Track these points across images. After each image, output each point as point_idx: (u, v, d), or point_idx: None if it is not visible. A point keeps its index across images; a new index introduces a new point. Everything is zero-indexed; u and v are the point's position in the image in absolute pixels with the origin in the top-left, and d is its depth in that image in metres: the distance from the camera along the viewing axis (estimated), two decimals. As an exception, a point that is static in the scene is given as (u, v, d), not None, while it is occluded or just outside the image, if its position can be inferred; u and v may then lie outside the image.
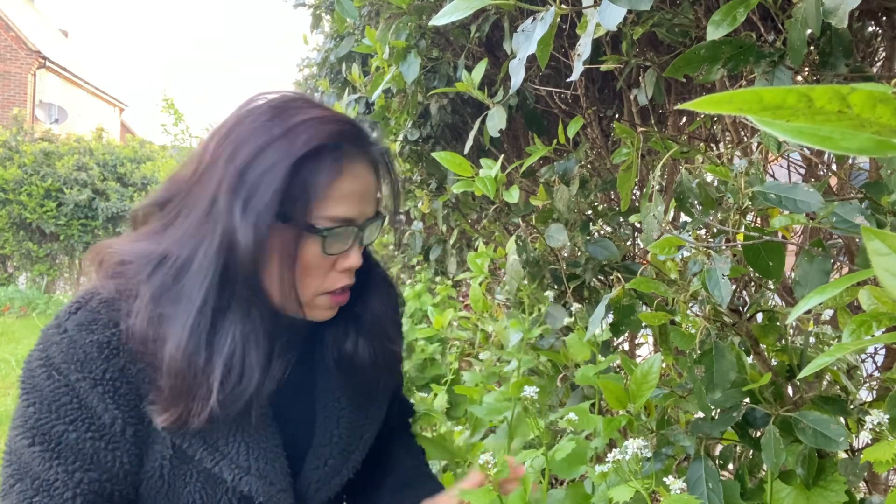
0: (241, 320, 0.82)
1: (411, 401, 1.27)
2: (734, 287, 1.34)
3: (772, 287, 1.22)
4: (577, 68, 1.01)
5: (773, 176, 1.52)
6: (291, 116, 0.85)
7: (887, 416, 0.85)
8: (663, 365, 1.13)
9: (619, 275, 1.26)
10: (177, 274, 0.83)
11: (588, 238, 1.46)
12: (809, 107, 0.25)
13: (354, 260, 0.90)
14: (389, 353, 1.04)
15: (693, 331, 1.04)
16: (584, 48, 0.99)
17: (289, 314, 0.91)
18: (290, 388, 0.93)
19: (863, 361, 1.24)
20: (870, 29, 1.31)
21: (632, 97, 1.57)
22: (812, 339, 1.07)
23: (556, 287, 1.50)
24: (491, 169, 1.35)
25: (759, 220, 1.32)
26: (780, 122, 0.26)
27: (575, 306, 1.47)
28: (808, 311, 1.07)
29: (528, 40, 1.06)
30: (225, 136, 0.86)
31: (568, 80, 1.08)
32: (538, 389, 1.14)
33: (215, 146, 0.86)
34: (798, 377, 0.87)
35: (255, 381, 0.83)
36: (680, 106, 0.28)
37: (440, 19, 1.09)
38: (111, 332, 0.83)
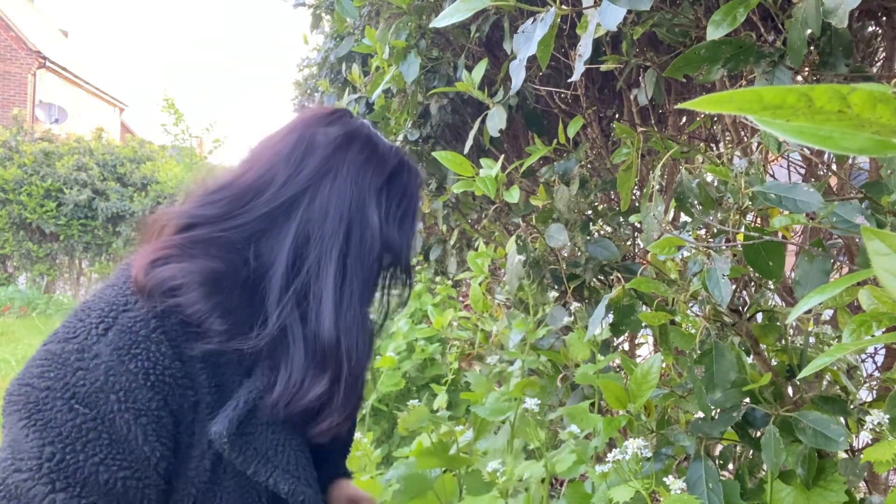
0: (368, 300, 0.84)
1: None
2: (734, 287, 1.34)
3: (772, 287, 1.22)
4: (578, 69, 1.01)
5: (773, 176, 1.52)
6: (374, 149, 0.89)
7: (887, 416, 0.85)
8: (663, 365, 1.13)
9: (619, 275, 1.26)
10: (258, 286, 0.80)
11: (588, 238, 1.46)
12: (809, 106, 0.25)
13: None
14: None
15: (693, 331, 1.04)
16: (584, 48, 0.99)
17: None
18: None
19: (863, 361, 1.24)
20: (870, 29, 1.31)
21: (632, 97, 1.57)
22: (812, 339, 1.07)
23: (556, 287, 1.50)
24: (491, 169, 1.35)
25: (759, 220, 1.32)
26: (780, 121, 0.26)
27: (574, 305, 1.47)
28: (808, 311, 1.07)
29: (528, 41, 1.06)
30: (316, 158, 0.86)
31: (569, 80, 1.08)
32: (539, 402, 1.14)
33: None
34: (798, 377, 0.87)
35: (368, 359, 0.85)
36: (680, 105, 0.28)
37: (441, 21, 1.09)
38: (156, 356, 0.74)
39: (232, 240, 0.80)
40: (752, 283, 1.38)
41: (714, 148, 1.62)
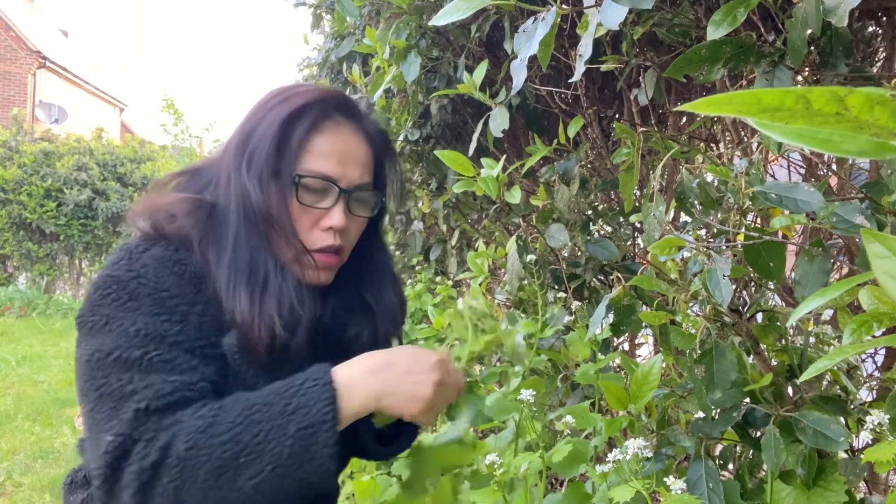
0: (273, 262, 0.92)
1: None
2: (734, 287, 1.34)
3: (772, 287, 1.22)
4: (579, 69, 1.01)
5: (773, 176, 1.52)
6: (293, 90, 0.99)
7: (887, 416, 0.85)
8: (664, 365, 1.13)
9: (620, 275, 1.26)
10: (218, 220, 0.95)
11: (588, 238, 1.46)
12: (808, 109, 0.25)
13: (336, 220, 0.96)
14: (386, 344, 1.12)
15: (693, 331, 1.04)
16: (585, 48, 0.99)
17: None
18: (292, 355, 0.97)
19: (863, 361, 1.24)
20: (870, 29, 1.31)
21: (632, 97, 1.57)
22: (812, 339, 1.07)
23: (556, 287, 1.50)
24: (492, 169, 1.35)
25: (759, 220, 1.32)
26: (779, 124, 0.26)
27: (575, 304, 1.47)
28: (809, 312, 1.07)
29: (529, 41, 1.06)
30: (244, 115, 1.00)
31: (570, 80, 1.08)
32: (535, 393, 1.15)
33: (237, 125, 1.00)
34: (800, 380, 0.87)
35: (305, 311, 0.92)
36: (679, 108, 0.28)
37: (440, 19, 1.09)
38: (192, 269, 0.90)
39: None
40: (753, 283, 1.38)
41: (714, 148, 1.62)
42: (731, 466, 1.21)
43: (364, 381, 0.84)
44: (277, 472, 0.77)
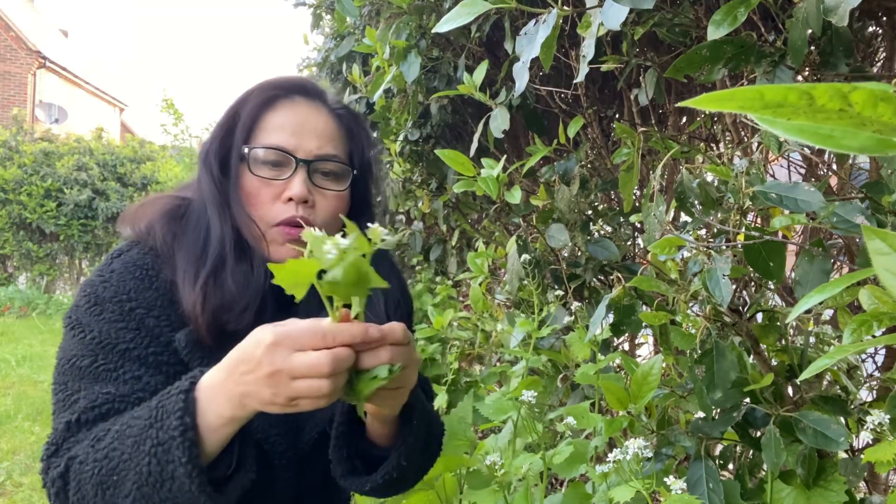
0: (232, 245, 0.93)
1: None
2: (734, 287, 1.34)
3: (772, 287, 1.22)
4: (583, 69, 1.01)
5: (773, 176, 1.52)
6: (261, 80, 1.00)
7: (888, 416, 0.85)
8: (664, 365, 1.13)
9: (620, 275, 1.26)
10: (190, 213, 0.97)
11: (588, 238, 1.46)
12: (811, 105, 0.25)
13: (296, 189, 0.94)
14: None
15: (693, 331, 1.04)
16: (588, 49, 1.00)
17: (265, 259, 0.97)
18: None
19: (863, 361, 1.24)
20: (870, 29, 1.31)
21: (632, 97, 1.57)
22: (812, 339, 1.07)
23: (556, 287, 1.50)
24: (493, 169, 1.35)
25: (759, 220, 1.32)
26: (781, 120, 0.26)
27: (574, 304, 1.47)
28: (808, 311, 1.07)
29: (531, 43, 1.06)
30: None
31: (574, 81, 1.08)
32: (535, 393, 1.15)
33: None
34: (799, 379, 0.87)
35: (252, 295, 0.91)
36: (681, 104, 0.28)
37: (443, 26, 1.09)
38: (155, 272, 0.92)
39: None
40: (753, 283, 1.38)
41: (714, 148, 1.62)
42: (731, 466, 1.21)
43: (224, 384, 0.71)
44: (144, 492, 0.72)
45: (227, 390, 0.70)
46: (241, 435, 0.76)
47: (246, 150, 0.94)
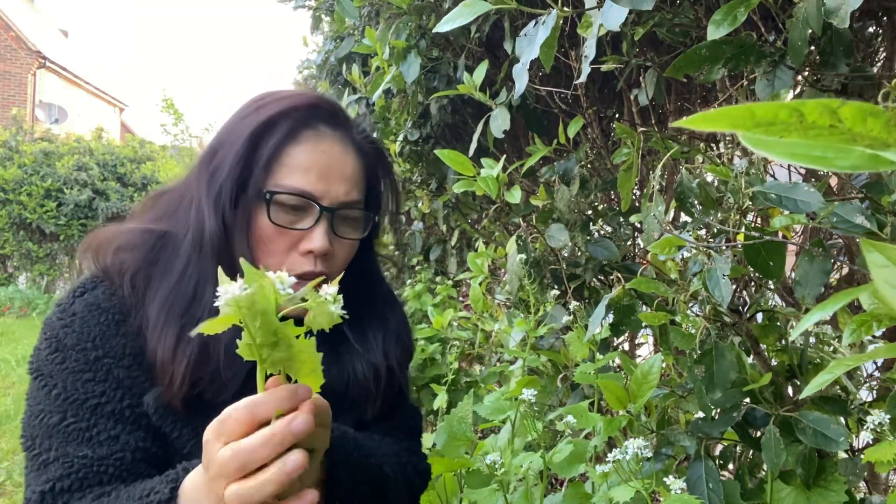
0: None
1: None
2: (734, 287, 1.34)
3: (772, 287, 1.22)
4: (585, 70, 1.01)
5: (773, 176, 1.52)
6: (272, 96, 0.87)
7: (888, 416, 0.85)
8: (663, 365, 1.13)
9: (619, 275, 1.26)
10: (169, 250, 0.85)
11: (588, 238, 1.46)
12: (801, 122, 0.26)
13: (317, 242, 0.82)
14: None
15: (693, 331, 1.04)
16: (589, 49, 1.00)
17: None
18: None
19: (863, 361, 1.24)
20: (870, 29, 1.31)
21: (632, 97, 1.57)
22: (812, 339, 1.07)
23: (555, 287, 1.50)
24: (492, 169, 1.35)
25: (759, 220, 1.32)
26: (773, 139, 0.26)
27: (573, 304, 1.47)
28: (808, 311, 1.07)
29: (531, 44, 1.06)
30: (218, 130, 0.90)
31: (576, 82, 1.08)
32: (535, 392, 1.15)
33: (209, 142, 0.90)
34: (800, 397, 0.87)
35: (236, 373, 0.79)
36: (674, 124, 0.29)
37: (443, 26, 1.09)
38: (122, 316, 0.82)
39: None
40: (753, 283, 1.38)
41: (714, 148, 1.62)
42: (731, 466, 1.21)
43: (209, 484, 0.61)
44: None
45: (213, 491, 0.61)
46: None
47: (268, 193, 0.81)
